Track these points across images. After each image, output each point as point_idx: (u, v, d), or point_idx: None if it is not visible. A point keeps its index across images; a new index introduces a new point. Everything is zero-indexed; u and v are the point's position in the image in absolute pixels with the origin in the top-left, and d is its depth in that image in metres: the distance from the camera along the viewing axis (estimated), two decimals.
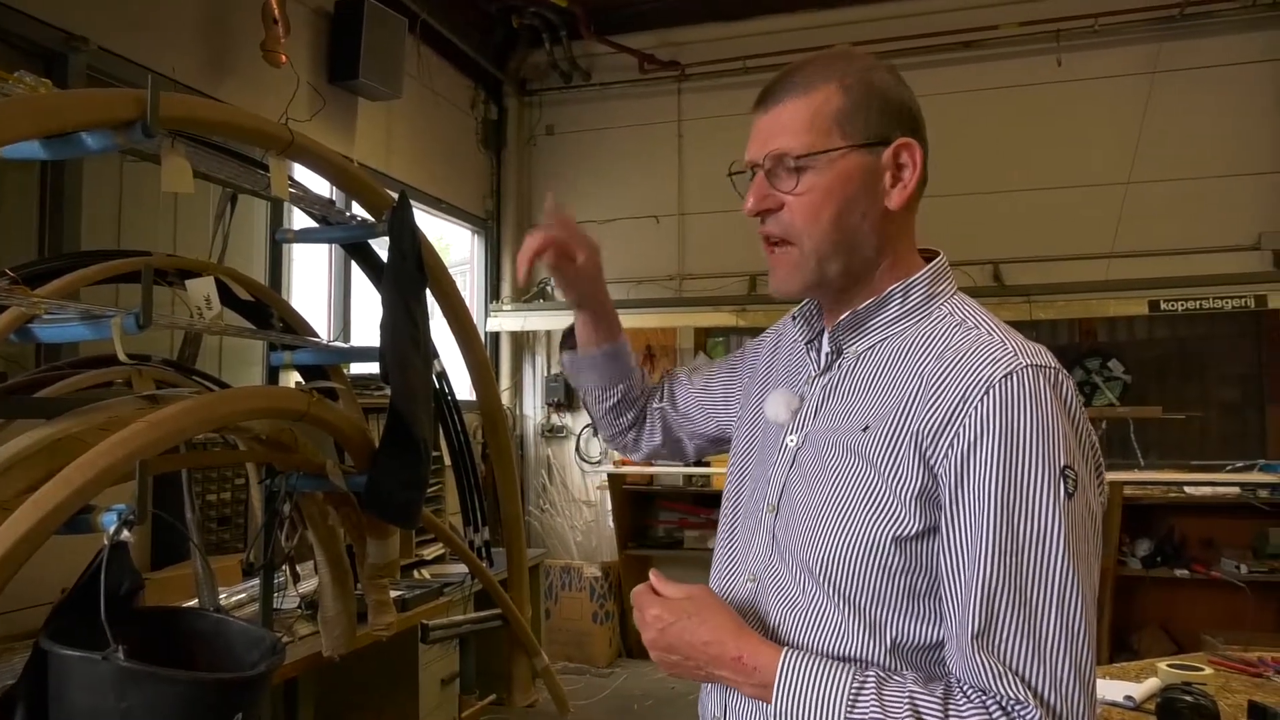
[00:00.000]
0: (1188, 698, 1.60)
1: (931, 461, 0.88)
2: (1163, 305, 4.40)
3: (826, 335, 1.05)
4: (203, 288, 1.59)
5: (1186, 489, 4.38)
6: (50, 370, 1.62)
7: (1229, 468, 4.42)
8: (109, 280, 1.59)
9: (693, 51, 5.47)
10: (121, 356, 1.31)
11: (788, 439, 1.03)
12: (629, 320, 5.76)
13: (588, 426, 5.66)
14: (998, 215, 4.96)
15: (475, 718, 3.36)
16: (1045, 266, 4.85)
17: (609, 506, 5.34)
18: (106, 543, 1.20)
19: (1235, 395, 4.82)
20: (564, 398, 5.63)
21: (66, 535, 1.21)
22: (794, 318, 1.11)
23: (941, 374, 0.90)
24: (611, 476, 5.23)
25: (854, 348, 1.01)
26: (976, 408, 0.86)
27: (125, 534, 1.21)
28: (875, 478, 0.90)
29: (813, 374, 1.05)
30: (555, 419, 5.73)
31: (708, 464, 5.19)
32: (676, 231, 5.48)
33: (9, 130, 1.12)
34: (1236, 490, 4.31)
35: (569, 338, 1.42)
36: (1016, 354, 0.88)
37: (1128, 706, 1.78)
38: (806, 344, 1.09)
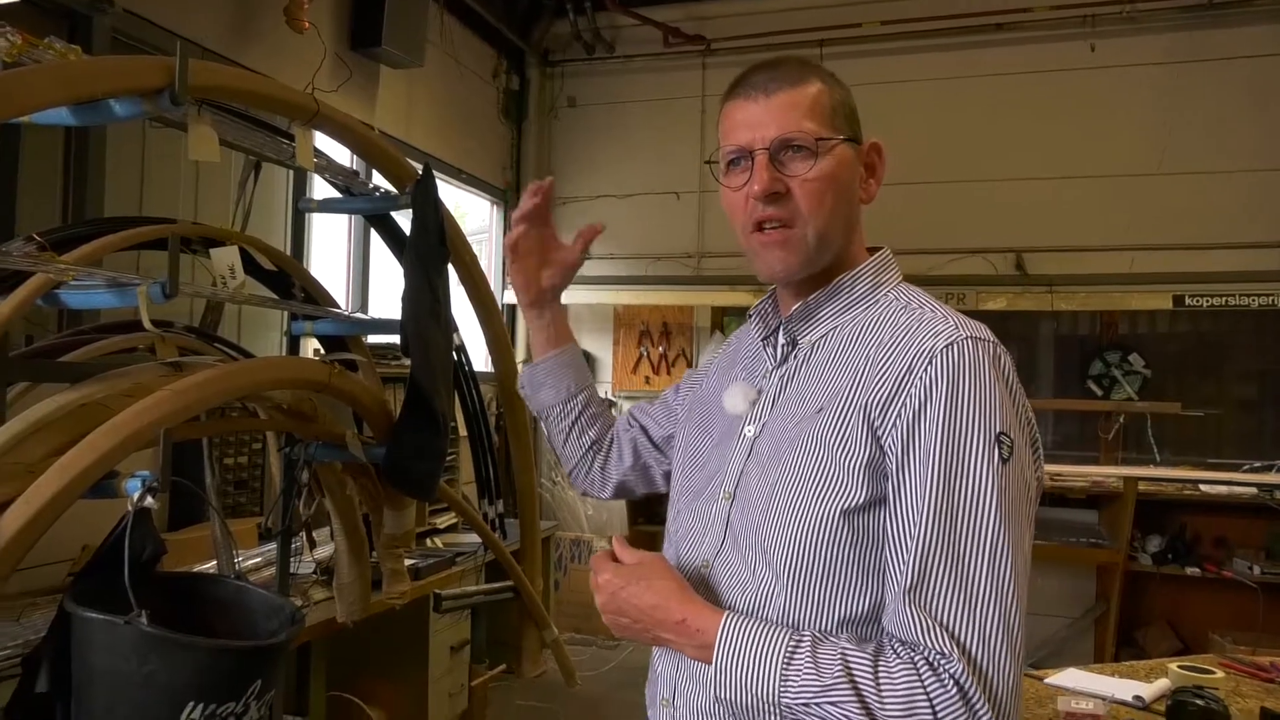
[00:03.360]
0: (1198, 701, 1.60)
1: (880, 432, 0.92)
2: (1187, 300, 4.36)
3: (782, 328, 1.09)
4: (227, 257, 1.59)
5: (1202, 487, 4.35)
6: (75, 335, 1.63)
7: (1246, 467, 4.39)
8: (132, 246, 1.60)
9: (719, 26, 5.40)
10: (147, 325, 1.32)
11: (745, 429, 1.06)
12: (646, 298, 5.77)
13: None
14: (1022, 203, 4.90)
15: (485, 687, 3.40)
16: (1068, 257, 4.80)
17: None
18: (130, 509, 1.21)
19: (1255, 394, 4.78)
20: None
21: (91, 500, 1.22)
22: (750, 316, 1.16)
23: (887, 350, 0.96)
24: None
25: (807, 338, 1.06)
26: (921, 377, 0.91)
27: (149, 500, 1.22)
28: (825, 456, 0.94)
29: (770, 367, 1.09)
30: None
31: None
32: (697, 208, 5.44)
33: (39, 97, 1.12)
34: (1253, 490, 4.28)
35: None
36: (957, 328, 0.94)
37: (1136, 706, 1.78)
38: (763, 340, 1.13)
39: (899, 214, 4.94)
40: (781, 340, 1.08)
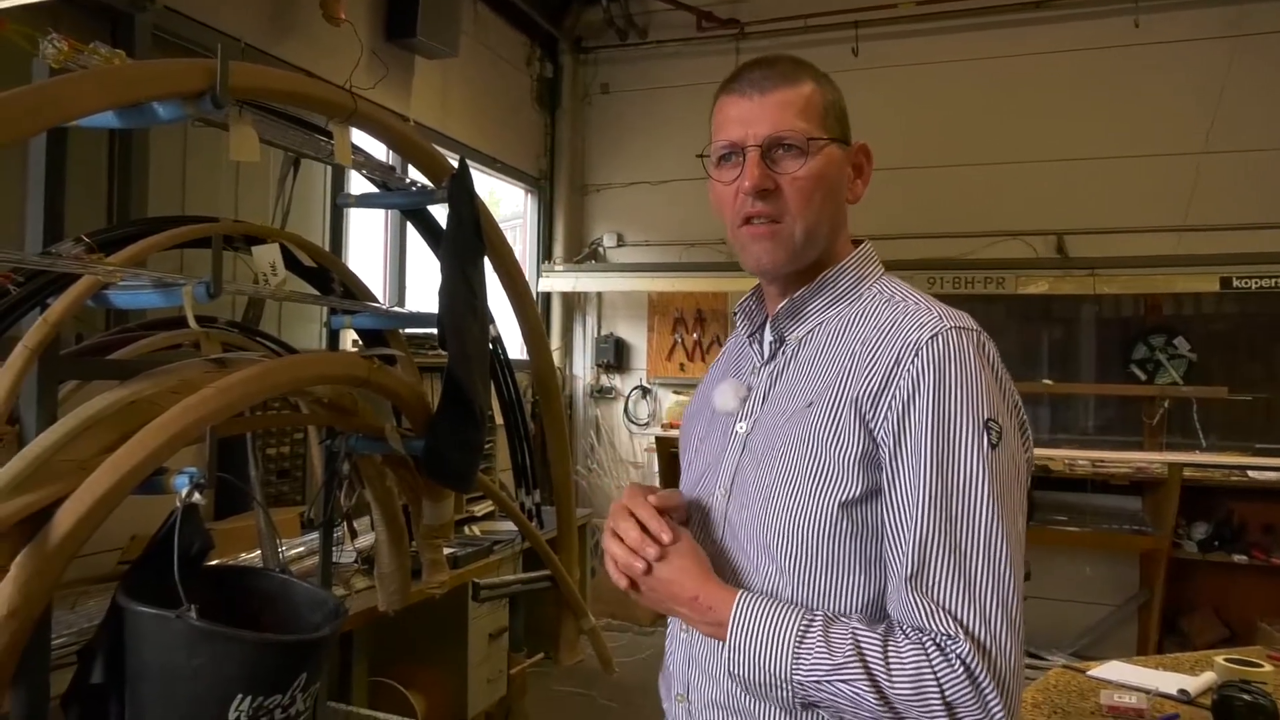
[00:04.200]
0: (1245, 696, 1.57)
1: (871, 425, 0.94)
2: (1235, 282, 4.25)
3: (768, 325, 1.10)
4: (268, 254, 1.61)
5: (1250, 473, 4.25)
6: (122, 332, 1.67)
7: None
8: (176, 245, 1.62)
9: (752, 8, 5.35)
10: (192, 324, 1.34)
11: (737, 426, 1.08)
12: (680, 284, 5.77)
13: (636, 389, 5.69)
14: (1063, 184, 4.81)
15: (524, 673, 3.44)
16: (1112, 239, 4.70)
17: (656, 468, 5.38)
18: (179, 505, 1.24)
19: None
20: (613, 359, 5.65)
21: (141, 496, 1.25)
22: (735, 314, 1.18)
23: (875, 343, 0.98)
24: (659, 440, 5.26)
25: (794, 334, 1.08)
26: (909, 369, 0.93)
27: (196, 496, 1.25)
28: (820, 450, 0.96)
29: (758, 364, 1.11)
30: (604, 380, 5.76)
31: None
32: None
33: (86, 103, 1.14)
34: None
35: None
36: (941, 318, 0.96)
37: (1182, 700, 1.75)
38: (749, 337, 1.15)
39: (936, 197, 4.88)
40: (769, 337, 1.10)
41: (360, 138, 1.91)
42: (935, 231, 4.81)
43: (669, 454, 5.25)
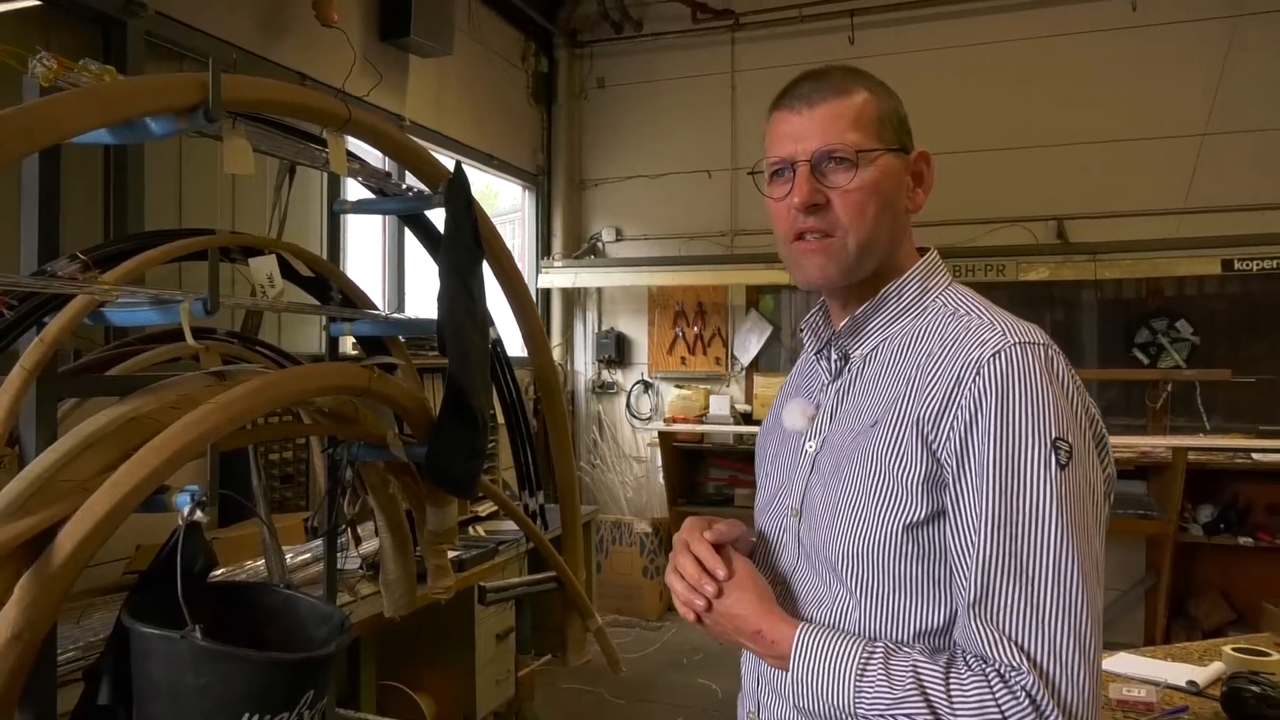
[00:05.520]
0: (1254, 687, 1.57)
1: (934, 446, 0.92)
2: (1237, 265, 4.24)
3: (832, 343, 1.09)
4: (265, 266, 1.60)
5: (1254, 455, 4.25)
6: (121, 347, 1.66)
7: None
8: (173, 259, 1.61)
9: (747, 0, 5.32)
10: (189, 340, 1.33)
11: (807, 445, 1.07)
12: (680, 278, 5.77)
13: (638, 383, 5.68)
14: (1063, 168, 4.79)
15: (532, 674, 3.45)
16: (1112, 223, 4.69)
17: (659, 463, 5.38)
18: (181, 523, 1.23)
19: None
20: (614, 354, 5.64)
21: (143, 514, 1.24)
22: (801, 330, 1.16)
23: (936, 361, 0.95)
24: (662, 434, 5.25)
25: (858, 351, 1.06)
26: (970, 389, 0.90)
27: (198, 515, 1.24)
28: (883, 471, 0.94)
29: (825, 381, 1.09)
30: (606, 375, 5.76)
31: (758, 422, 5.18)
32: (729, 186, 5.40)
33: (77, 122, 1.13)
34: None
35: None
36: (1005, 334, 0.93)
37: (1190, 692, 1.75)
38: (816, 354, 1.12)
39: (935, 184, 4.85)
40: (834, 355, 1.08)
41: (355, 143, 1.90)
42: (934, 219, 4.78)
43: (671, 448, 5.25)
